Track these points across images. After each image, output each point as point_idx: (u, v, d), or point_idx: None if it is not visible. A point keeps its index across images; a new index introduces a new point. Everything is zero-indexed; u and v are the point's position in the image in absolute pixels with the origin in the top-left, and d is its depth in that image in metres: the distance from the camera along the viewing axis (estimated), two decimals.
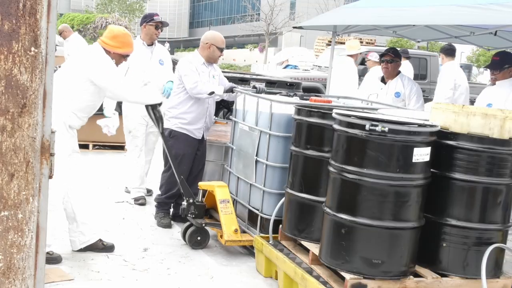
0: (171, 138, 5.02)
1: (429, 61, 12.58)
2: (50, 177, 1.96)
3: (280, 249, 4.05)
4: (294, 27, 8.29)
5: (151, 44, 5.89)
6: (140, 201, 5.81)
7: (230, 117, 5.01)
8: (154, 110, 4.42)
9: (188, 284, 3.98)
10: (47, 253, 4.07)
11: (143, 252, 4.50)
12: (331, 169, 3.53)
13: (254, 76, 7.38)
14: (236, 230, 4.41)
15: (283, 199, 4.19)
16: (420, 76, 12.13)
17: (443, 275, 3.54)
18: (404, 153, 3.31)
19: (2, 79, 1.78)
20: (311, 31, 9.34)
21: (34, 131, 1.86)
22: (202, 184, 4.82)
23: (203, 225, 4.64)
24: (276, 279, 4.06)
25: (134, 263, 4.25)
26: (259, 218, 4.39)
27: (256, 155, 4.41)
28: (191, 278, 4.07)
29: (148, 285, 3.91)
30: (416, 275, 3.52)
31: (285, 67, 14.13)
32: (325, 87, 11.70)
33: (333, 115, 3.56)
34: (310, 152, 3.93)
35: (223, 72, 5.74)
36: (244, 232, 4.55)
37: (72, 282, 3.84)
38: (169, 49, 13.93)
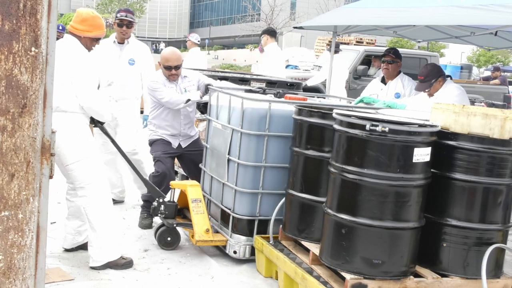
0: (151, 147, 5.23)
1: (430, 61, 12.61)
2: (51, 177, 1.96)
3: (280, 249, 4.05)
4: (294, 27, 8.29)
5: (121, 42, 5.80)
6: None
7: (205, 115, 5.01)
8: (99, 123, 4.31)
9: (189, 284, 3.98)
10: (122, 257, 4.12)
11: (144, 252, 4.50)
12: (331, 169, 3.53)
13: (254, 77, 7.38)
14: (207, 230, 4.35)
15: (283, 199, 4.19)
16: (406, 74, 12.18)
17: (443, 275, 3.54)
18: (405, 153, 3.31)
19: (3, 79, 1.78)
20: (312, 31, 9.33)
21: (35, 131, 1.86)
22: (174, 183, 4.75)
23: (174, 225, 4.57)
24: (277, 279, 4.06)
25: (135, 263, 4.24)
26: (231, 217, 4.33)
27: (228, 154, 4.35)
28: (191, 278, 4.07)
29: (149, 285, 3.91)
30: (417, 275, 3.52)
31: (285, 67, 14.13)
32: (325, 87, 11.72)
33: (334, 115, 3.56)
34: (310, 152, 3.93)
35: (223, 72, 5.74)
36: (217, 232, 4.51)
37: (72, 282, 3.84)
38: (163, 48, 13.89)
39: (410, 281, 3.42)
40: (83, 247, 4.26)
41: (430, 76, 4.98)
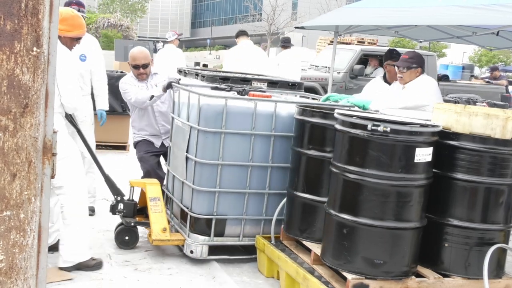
0: (135, 149, 5.29)
1: (426, 61, 12.56)
2: (52, 177, 1.96)
3: (281, 249, 4.05)
4: (296, 27, 8.30)
5: None
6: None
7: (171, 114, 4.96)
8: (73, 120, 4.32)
9: (190, 284, 3.98)
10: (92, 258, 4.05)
11: (145, 252, 4.50)
12: (333, 169, 3.53)
13: (256, 76, 7.37)
14: (164, 229, 4.29)
15: (285, 199, 4.19)
16: None
17: (445, 275, 3.54)
18: (406, 153, 3.31)
19: (4, 79, 1.78)
20: (313, 31, 9.35)
21: (36, 131, 1.86)
22: (133, 182, 4.69)
23: (132, 224, 4.51)
24: (278, 279, 4.06)
25: (136, 263, 4.25)
26: (188, 217, 4.28)
27: (187, 152, 4.28)
28: (192, 278, 4.07)
29: (150, 285, 3.91)
30: (418, 275, 3.52)
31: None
32: (322, 87, 11.70)
33: (335, 115, 3.56)
34: (312, 152, 3.93)
35: (224, 72, 5.72)
36: (177, 231, 4.46)
37: (73, 282, 3.84)
38: (162, 47, 13.86)
39: (412, 281, 3.42)
40: (53, 248, 4.07)
41: (414, 59, 4.86)
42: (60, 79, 3.88)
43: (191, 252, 4.26)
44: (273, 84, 5.02)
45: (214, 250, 4.40)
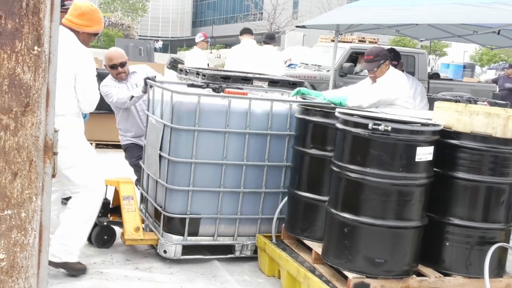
0: (125, 153, 5.30)
1: (417, 59, 12.52)
2: (53, 176, 1.96)
3: (282, 248, 4.05)
4: (297, 26, 8.30)
5: None
6: None
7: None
8: None
9: (191, 283, 3.98)
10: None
11: (146, 251, 4.50)
12: (334, 168, 3.52)
13: (257, 75, 7.37)
14: (137, 228, 4.23)
15: (286, 198, 4.19)
16: (408, 73, 12.12)
17: (446, 275, 3.54)
18: (407, 152, 3.30)
19: (6, 78, 1.78)
20: (314, 30, 9.35)
21: (37, 130, 1.86)
22: (107, 180, 4.49)
23: (105, 223, 4.45)
24: (279, 278, 4.06)
25: (137, 262, 4.25)
26: (162, 216, 4.20)
27: (160, 150, 4.20)
28: (193, 277, 4.07)
29: (151, 284, 3.91)
30: (419, 274, 3.52)
31: (288, 66, 14.12)
32: (311, 85, 11.62)
33: (336, 114, 3.56)
34: (313, 151, 3.93)
35: (225, 71, 5.71)
36: (151, 230, 4.39)
37: (75, 280, 3.84)
38: (160, 46, 13.82)
39: (413, 280, 3.42)
40: (66, 267, 3.89)
41: (379, 56, 4.84)
42: (81, 81, 3.75)
43: (165, 252, 4.17)
44: (274, 83, 5.00)
45: (214, 249, 4.40)
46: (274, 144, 4.30)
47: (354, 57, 12.28)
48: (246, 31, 9.42)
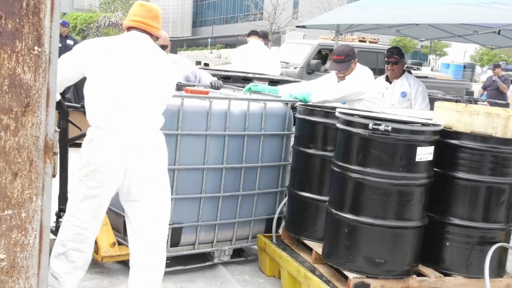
0: None
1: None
2: (54, 176, 1.96)
3: (283, 248, 4.05)
4: (297, 26, 8.28)
5: None
6: None
7: None
8: None
9: (191, 283, 3.98)
10: None
11: None
12: (334, 168, 3.52)
13: (257, 75, 7.39)
14: (113, 244, 3.89)
15: (286, 198, 4.19)
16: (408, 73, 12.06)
17: (446, 275, 3.54)
18: (407, 152, 3.30)
19: (6, 78, 1.78)
20: (314, 30, 9.34)
21: (38, 130, 1.86)
22: None
23: None
24: (279, 278, 4.06)
25: None
26: None
27: None
28: (194, 277, 4.07)
29: (151, 284, 3.90)
30: (419, 274, 3.52)
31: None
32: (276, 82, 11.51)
33: (336, 114, 3.56)
34: (313, 151, 3.93)
35: (225, 71, 5.73)
36: (121, 244, 3.95)
37: None
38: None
39: (413, 280, 3.42)
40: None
41: (350, 56, 4.67)
42: (170, 93, 3.26)
43: None
44: (275, 83, 5.01)
45: (191, 258, 4.38)
46: (251, 146, 4.15)
47: (323, 55, 12.17)
48: (254, 33, 9.41)
